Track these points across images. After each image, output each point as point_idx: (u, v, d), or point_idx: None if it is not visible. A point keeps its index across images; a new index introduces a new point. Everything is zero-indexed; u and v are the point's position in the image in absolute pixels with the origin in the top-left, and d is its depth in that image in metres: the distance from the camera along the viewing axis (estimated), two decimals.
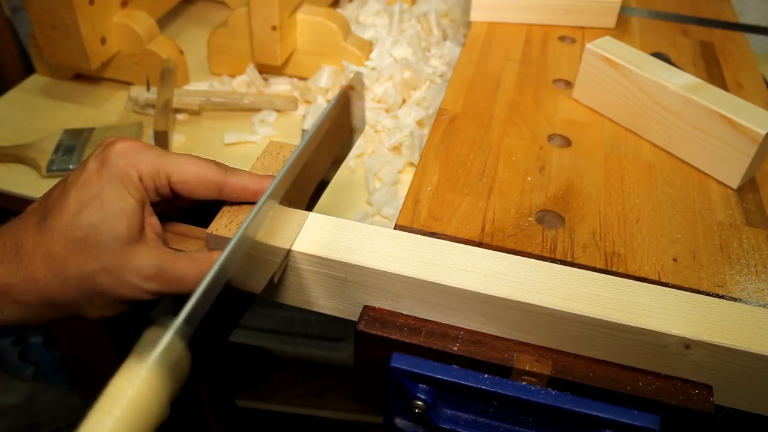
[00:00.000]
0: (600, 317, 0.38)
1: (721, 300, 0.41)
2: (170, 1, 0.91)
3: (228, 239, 0.39)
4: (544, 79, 0.64)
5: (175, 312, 0.31)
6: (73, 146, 0.73)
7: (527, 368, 0.40)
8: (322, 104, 0.79)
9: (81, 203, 0.37)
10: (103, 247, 0.37)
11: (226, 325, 0.37)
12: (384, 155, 0.72)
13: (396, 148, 0.73)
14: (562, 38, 0.72)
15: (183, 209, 0.44)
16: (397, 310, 0.43)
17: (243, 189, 0.41)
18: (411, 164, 0.72)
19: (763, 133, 0.49)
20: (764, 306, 0.42)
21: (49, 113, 0.79)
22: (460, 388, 0.41)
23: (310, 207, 0.45)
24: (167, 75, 0.77)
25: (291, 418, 1.11)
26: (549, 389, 0.40)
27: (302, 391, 1.11)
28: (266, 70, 0.84)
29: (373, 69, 0.80)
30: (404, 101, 0.79)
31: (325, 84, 0.80)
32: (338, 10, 0.93)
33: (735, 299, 0.42)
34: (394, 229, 0.46)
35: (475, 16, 0.74)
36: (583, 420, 0.40)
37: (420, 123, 0.76)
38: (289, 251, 0.41)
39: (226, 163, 0.42)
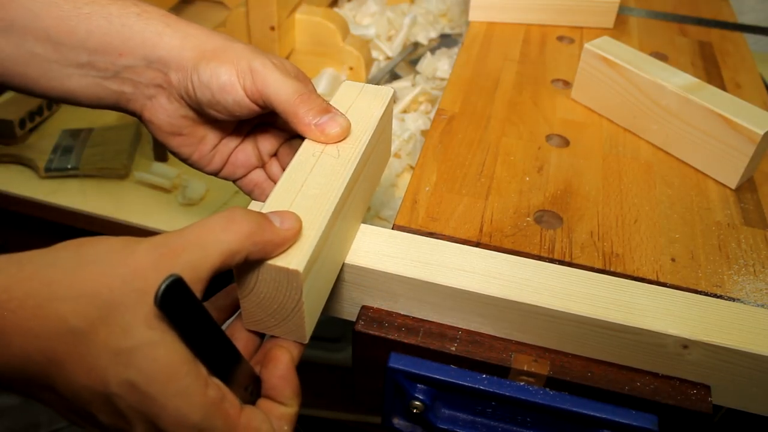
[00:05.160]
0: (598, 317, 0.38)
1: (719, 300, 0.41)
2: (170, 1, 0.91)
3: None
4: (542, 79, 0.64)
5: None
6: (72, 146, 0.73)
7: (525, 368, 0.40)
8: None
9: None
10: None
11: None
12: None
13: (395, 153, 0.73)
14: (560, 38, 0.72)
15: None
16: (395, 310, 0.43)
17: None
18: (410, 167, 0.72)
19: (761, 132, 0.49)
20: (762, 306, 0.42)
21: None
22: (458, 388, 0.41)
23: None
24: None
25: None
26: (547, 389, 0.40)
27: (302, 391, 1.11)
28: None
29: None
30: None
31: (324, 89, 0.79)
32: (336, 9, 0.93)
33: (733, 299, 0.42)
34: (392, 229, 0.46)
35: (474, 15, 0.74)
36: (581, 420, 0.40)
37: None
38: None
39: None
